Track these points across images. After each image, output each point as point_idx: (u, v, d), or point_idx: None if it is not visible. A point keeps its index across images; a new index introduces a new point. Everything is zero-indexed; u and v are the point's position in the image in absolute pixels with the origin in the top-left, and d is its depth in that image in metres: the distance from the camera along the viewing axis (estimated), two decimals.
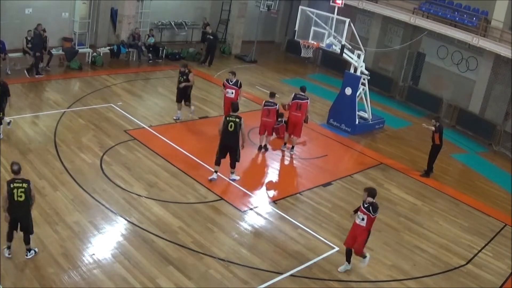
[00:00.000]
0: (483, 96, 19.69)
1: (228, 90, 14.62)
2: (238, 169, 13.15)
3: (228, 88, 14.63)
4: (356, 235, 9.18)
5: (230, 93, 14.59)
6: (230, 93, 14.58)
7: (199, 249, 9.47)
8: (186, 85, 14.92)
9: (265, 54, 25.81)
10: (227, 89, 14.66)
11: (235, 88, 14.60)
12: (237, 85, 14.66)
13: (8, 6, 17.93)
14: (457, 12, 19.87)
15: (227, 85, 14.67)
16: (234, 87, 14.60)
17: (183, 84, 14.89)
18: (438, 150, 14.51)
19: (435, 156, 14.57)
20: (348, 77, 17.10)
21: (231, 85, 14.61)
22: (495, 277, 10.37)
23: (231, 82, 14.64)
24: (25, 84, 16.43)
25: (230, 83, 14.62)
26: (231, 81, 14.64)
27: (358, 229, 9.15)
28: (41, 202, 9.97)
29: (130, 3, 20.98)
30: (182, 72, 15.00)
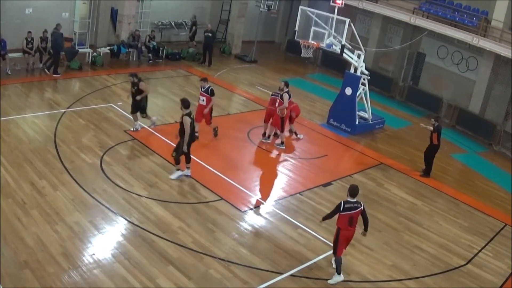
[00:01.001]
0: (483, 96, 19.71)
1: (200, 97, 13.97)
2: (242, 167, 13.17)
3: (200, 95, 13.97)
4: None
5: (201, 100, 13.87)
6: (202, 100, 13.85)
7: (199, 249, 9.47)
8: (142, 96, 13.70)
9: (265, 54, 25.82)
10: (199, 96, 14.04)
11: (205, 95, 13.79)
12: (208, 93, 13.78)
13: (8, 6, 17.94)
14: (457, 12, 19.88)
15: (200, 92, 14.00)
16: (205, 95, 13.81)
17: (139, 96, 13.64)
18: (436, 150, 14.51)
19: (433, 156, 14.55)
20: (348, 77, 17.10)
21: (203, 92, 13.87)
22: (495, 277, 10.38)
23: (203, 89, 13.86)
24: (25, 84, 16.44)
25: (202, 90, 13.89)
26: (203, 88, 13.86)
27: None
28: (41, 202, 9.97)
29: (130, 3, 20.99)
30: (133, 83, 13.67)
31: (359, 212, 8.97)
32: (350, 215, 8.89)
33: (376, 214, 12.00)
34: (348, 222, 8.91)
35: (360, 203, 9.01)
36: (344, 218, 8.88)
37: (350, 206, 8.90)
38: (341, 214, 8.89)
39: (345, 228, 8.95)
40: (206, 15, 25.78)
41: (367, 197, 12.83)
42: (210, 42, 22.17)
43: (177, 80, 19.78)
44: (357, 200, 9.00)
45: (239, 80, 21.32)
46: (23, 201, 9.89)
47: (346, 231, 8.99)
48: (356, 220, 9.02)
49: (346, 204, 8.88)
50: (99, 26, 21.08)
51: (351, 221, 8.93)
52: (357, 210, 8.93)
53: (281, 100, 14.41)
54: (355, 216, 8.95)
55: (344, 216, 8.87)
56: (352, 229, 9.03)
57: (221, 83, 20.10)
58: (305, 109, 18.78)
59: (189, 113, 11.51)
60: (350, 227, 8.96)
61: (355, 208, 8.91)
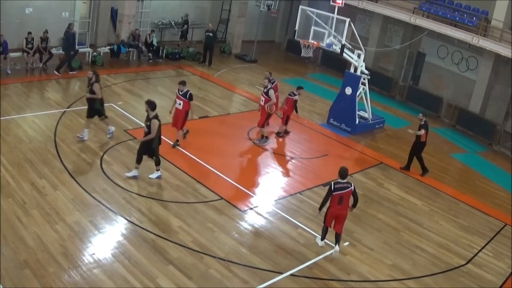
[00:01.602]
0: (483, 96, 19.71)
1: (176, 101, 13.20)
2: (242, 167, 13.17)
3: (177, 98, 13.19)
4: None
5: (178, 104, 13.14)
6: (178, 104, 13.13)
7: (199, 248, 9.47)
8: (91, 97, 12.79)
9: (265, 53, 25.82)
10: (176, 99, 13.27)
11: (183, 99, 13.05)
12: (186, 97, 13.04)
13: (8, 6, 17.94)
14: (457, 12, 19.88)
15: (177, 95, 13.22)
16: (182, 98, 13.06)
17: (89, 95, 12.80)
18: (423, 148, 14.48)
19: (420, 153, 14.50)
20: (348, 76, 17.10)
21: (180, 95, 13.12)
22: (495, 277, 10.38)
23: (181, 92, 13.10)
24: (25, 83, 16.44)
25: (179, 93, 13.12)
26: (181, 91, 13.09)
27: None
28: (41, 202, 9.97)
29: (130, 3, 21.00)
30: (89, 80, 12.79)
31: (349, 192, 9.61)
32: (340, 194, 9.55)
33: (376, 214, 12.01)
34: (337, 201, 9.57)
35: (351, 184, 9.66)
36: (335, 197, 9.56)
37: (340, 187, 9.56)
38: (332, 194, 9.51)
39: (334, 206, 9.62)
40: (206, 15, 25.78)
41: (367, 196, 12.84)
42: (211, 42, 22.17)
43: (177, 80, 19.66)
44: (347, 181, 9.65)
45: (239, 79, 21.31)
46: (23, 201, 9.89)
47: (334, 209, 9.66)
48: (347, 199, 9.64)
49: (336, 185, 9.55)
50: (99, 25, 21.08)
51: (340, 200, 9.57)
52: (347, 190, 9.58)
53: (267, 98, 14.47)
54: (345, 196, 9.57)
55: (335, 196, 9.55)
56: (340, 207, 9.63)
57: (221, 83, 20.11)
58: (305, 108, 18.78)
59: (157, 115, 11.13)
60: (339, 205, 9.59)
61: (345, 188, 9.57)
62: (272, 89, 14.49)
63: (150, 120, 11.10)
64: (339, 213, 9.74)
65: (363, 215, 11.89)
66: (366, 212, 12.03)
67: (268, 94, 14.47)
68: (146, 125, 11.24)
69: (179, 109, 13.19)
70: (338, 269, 9.62)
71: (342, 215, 9.78)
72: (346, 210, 9.78)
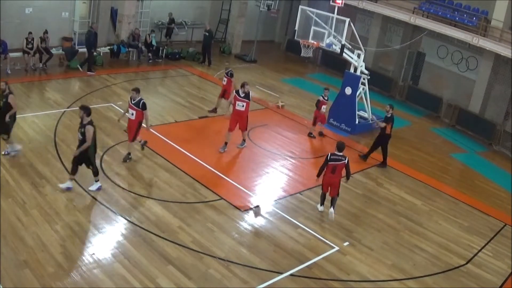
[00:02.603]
0: (483, 96, 19.70)
1: (129, 110, 11.98)
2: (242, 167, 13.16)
3: (129, 107, 11.94)
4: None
5: (130, 114, 11.91)
6: (131, 114, 11.88)
7: (199, 248, 9.47)
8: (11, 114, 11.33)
9: (265, 53, 25.82)
10: (128, 109, 12.01)
11: (136, 109, 11.78)
12: (139, 106, 11.77)
13: (8, 5, 17.93)
14: (457, 12, 19.88)
15: (129, 104, 11.93)
16: (135, 108, 11.79)
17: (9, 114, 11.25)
18: (387, 140, 14.52)
19: (384, 144, 14.56)
20: (348, 76, 17.10)
21: (132, 105, 11.84)
22: (495, 277, 10.38)
23: (133, 101, 11.83)
24: (25, 83, 16.44)
25: (132, 102, 11.86)
26: (133, 100, 11.83)
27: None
28: (41, 202, 9.97)
29: (130, 3, 20.99)
30: (3, 92, 11.27)
31: (342, 164, 10.96)
32: (334, 165, 10.92)
33: (376, 214, 12.01)
34: (331, 170, 10.95)
35: (345, 158, 10.95)
36: (329, 167, 10.92)
37: (335, 158, 10.91)
38: (328, 163, 10.80)
39: (328, 174, 11.00)
40: (206, 15, 25.78)
41: (367, 196, 12.85)
42: (208, 42, 22.16)
43: (177, 80, 19.77)
44: (343, 154, 10.92)
45: (239, 79, 21.23)
46: (23, 201, 9.89)
47: (327, 177, 11.04)
48: (339, 170, 10.98)
49: (332, 156, 10.92)
50: (99, 25, 21.04)
51: (334, 170, 10.94)
52: (341, 162, 10.93)
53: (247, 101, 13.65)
54: (338, 167, 10.94)
55: (329, 165, 10.90)
56: (333, 176, 11.00)
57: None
58: (305, 109, 18.79)
59: (91, 121, 10.26)
60: (331, 174, 10.97)
61: (339, 160, 10.93)
62: (250, 91, 13.71)
63: (84, 126, 10.18)
64: (332, 181, 11.07)
65: (363, 215, 11.90)
66: (366, 212, 12.03)
67: (248, 98, 13.61)
68: (80, 132, 10.26)
69: (132, 119, 11.93)
70: (338, 269, 9.62)
71: (335, 183, 11.10)
72: (338, 179, 11.11)
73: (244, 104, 13.57)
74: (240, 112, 13.61)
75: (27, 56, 17.48)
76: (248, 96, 13.61)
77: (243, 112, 13.63)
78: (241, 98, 13.55)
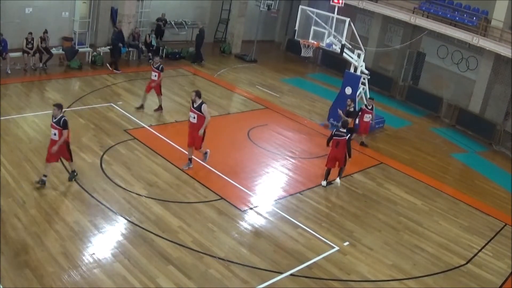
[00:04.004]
0: (483, 96, 19.70)
1: (51, 130, 10.43)
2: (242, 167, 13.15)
3: (51, 127, 10.41)
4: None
5: (53, 134, 10.39)
6: (53, 134, 10.37)
7: (199, 248, 9.47)
8: None
9: (265, 53, 25.82)
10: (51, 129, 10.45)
11: (57, 127, 10.30)
12: (60, 124, 10.27)
13: (8, 5, 17.94)
14: (457, 12, 19.88)
15: (51, 123, 10.42)
16: (56, 127, 10.30)
17: None
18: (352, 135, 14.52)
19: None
20: (348, 76, 17.10)
21: (53, 124, 10.35)
22: (495, 277, 10.38)
23: (54, 119, 10.36)
24: (25, 83, 16.44)
25: (53, 120, 10.37)
26: (55, 118, 10.36)
27: None
28: (41, 202, 9.97)
29: (130, 3, 20.98)
30: None
31: (344, 140, 12.39)
32: (337, 140, 12.45)
33: (376, 214, 12.01)
34: (335, 144, 12.51)
35: (347, 134, 12.43)
36: (333, 141, 12.57)
37: (338, 134, 12.49)
38: (332, 138, 12.53)
39: (333, 149, 12.58)
40: (206, 15, 25.78)
41: (367, 196, 12.85)
42: (198, 40, 22.07)
43: (177, 80, 19.77)
44: (346, 131, 12.46)
45: (239, 79, 21.31)
46: (23, 201, 9.89)
47: (332, 151, 12.62)
48: (343, 145, 12.39)
49: (336, 132, 12.57)
50: (99, 25, 21.08)
51: (337, 144, 12.45)
52: (342, 138, 12.40)
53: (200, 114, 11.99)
54: (341, 142, 12.41)
55: (334, 140, 12.55)
56: (337, 151, 12.50)
57: (221, 83, 20.11)
58: (305, 108, 18.80)
59: None
60: (336, 148, 12.52)
61: (341, 136, 12.42)
62: (204, 104, 12.07)
63: None
64: (336, 155, 12.58)
65: (363, 215, 11.90)
66: (366, 212, 12.03)
67: (200, 110, 11.99)
68: None
69: (55, 140, 10.38)
70: (338, 269, 9.62)
71: (339, 157, 12.59)
72: (342, 154, 12.53)
73: (195, 116, 12.02)
74: (192, 125, 12.16)
75: (27, 56, 17.48)
76: (200, 107, 11.96)
77: (195, 125, 12.09)
78: (193, 108, 12.05)
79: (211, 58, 23.48)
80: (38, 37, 17.58)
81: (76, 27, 20.02)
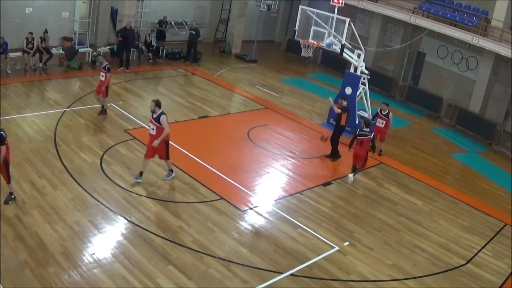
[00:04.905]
0: (483, 96, 19.71)
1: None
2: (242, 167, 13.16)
3: None
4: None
5: None
6: None
7: (199, 248, 9.47)
8: None
9: (265, 53, 25.83)
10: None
11: None
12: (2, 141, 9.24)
13: (8, 5, 17.93)
14: (457, 12, 19.88)
15: None
16: None
17: None
18: (341, 132, 14.58)
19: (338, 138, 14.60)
20: (348, 76, 17.09)
21: None
22: (495, 277, 10.38)
23: None
24: (25, 83, 16.44)
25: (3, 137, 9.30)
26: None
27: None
28: (41, 202, 9.97)
29: (130, 3, 20.98)
30: None
31: (368, 139, 12.84)
32: (361, 139, 12.86)
33: (376, 214, 12.01)
34: (359, 144, 12.89)
35: (371, 133, 12.97)
36: (358, 140, 12.90)
37: (362, 133, 12.82)
38: (357, 137, 12.86)
39: (357, 147, 12.97)
40: (206, 15, 25.79)
41: (367, 196, 12.85)
42: (194, 39, 21.99)
43: (177, 80, 19.78)
44: (369, 130, 12.92)
45: (239, 79, 21.31)
46: (23, 201, 9.89)
47: (357, 149, 12.99)
48: (366, 144, 12.85)
49: (360, 132, 12.87)
50: (99, 25, 21.07)
51: (361, 143, 12.87)
52: (367, 137, 12.79)
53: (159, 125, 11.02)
54: (365, 141, 12.83)
55: (358, 139, 12.89)
56: (361, 149, 12.92)
57: (221, 83, 20.12)
58: (305, 108, 18.81)
59: None
60: (360, 147, 12.90)
61: (366, 135, 12.81)
62: (164, 115, 11.04)
63: None
64: (360, 153, 12.99)
65: (363, 215, 11.90)
66: (366, 212, 12.03)
67: (159, 121, 10.99)
68: None
69: None
70: (338, 269, 9.62)
71: (361, 155, 13.01)
72: (365, 152, 12.98)
73: (154, 128, 11.06)
74: (152, 137, 11.23)
75: (27, 56, 17.48)
76: (159, 118, 11.00)
77: (153, 137, 11.15)
78: (152, 119, 11.13)
79: (211, 58, 23.50)
80: (38, 37, 17.58)
81: (76, 27, 20.02)
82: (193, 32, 21.94)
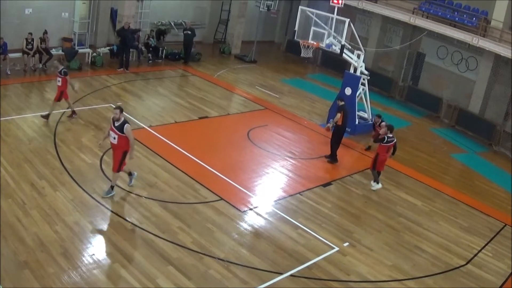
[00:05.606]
0: (483, 96, 19.71)
1: None
2: (241, 167, 13.16)
3: None
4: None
5: None
6: None
7: (199, 249, 9.47)
8: None
9: (265, 54, 25.83)
10: None
11: None
12: None
13: (8, 6, 17.93)
14: (456, 12, 19.88)
15: None
16: None
17: None
18: (342, 133, 14.49)
19: (340, 139, 14.51)
20: (348, 77, 17.10)
21: None
22: (495, 277, 10.38)
23: None
24: (24, 84, 16.44)
25: None
26: None
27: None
28: (41, 202, 9.97)
29: (130, 3, 20.97)
30: None
31: (393, 144, 12.97)
32: (389, 146, 12.86)
33: (376, 214, 12.01)
34: (386, 150, 12.88)
35: (395, 138, 12.98)
36: (385, 147, 12.80)
37: (390, 140, 12.84)
38: (383, 144, 12.76)
39: (383, 154, 12.86)
40: (206, 15, 25.79)
41: (367, 197, 12.84)
42: (190, 39, 21.98)
43: (176, 80, 19.78)
44: (393, 135, 12.93)
45: (238, 80, 21.31)
46: (23, 202, 9.88)
47: (384, 156, 12.89)
48: (391, 148, 12.97)
49: (388, 138, 12.79)
50: (99, 26, 21.07)
51: (388, 149, 12.92)
52: (393, 142, 12.96)
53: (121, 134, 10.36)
54: (391, 147, 12.94)
55: (385, 147, 12.79)
56: (388, 155, 13.04)
57: (221, 83, 20.11)
58: (305, 109, 18.81)
59: None
60: (387, 153, 12.96)
61: (392, 141, 12.91)
62: (128, 124, 10.37)
63: None
64: (386, 159, 13.02)
65: (363, 215, 11.90)
66: (366, 213, 12.03)
67: (122, 131, 10.29)
68: None
69: None
70: (338, 270, 9.62)
71: (386, 160, 13.08)
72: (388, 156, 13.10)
73: (116, 137, 10.35)
74: (113, 146, 10.60)
75: (26, 57, 17.48)
76: (122, 128, 10.27)
77: (115, 146, 10.51)
78: (113, 127, 10.41)
79: (211, 59, 23.51)
80: (38, 38, 17.58)
81: (76, 27, 20.01)
82: (188, 32, 21.94)
